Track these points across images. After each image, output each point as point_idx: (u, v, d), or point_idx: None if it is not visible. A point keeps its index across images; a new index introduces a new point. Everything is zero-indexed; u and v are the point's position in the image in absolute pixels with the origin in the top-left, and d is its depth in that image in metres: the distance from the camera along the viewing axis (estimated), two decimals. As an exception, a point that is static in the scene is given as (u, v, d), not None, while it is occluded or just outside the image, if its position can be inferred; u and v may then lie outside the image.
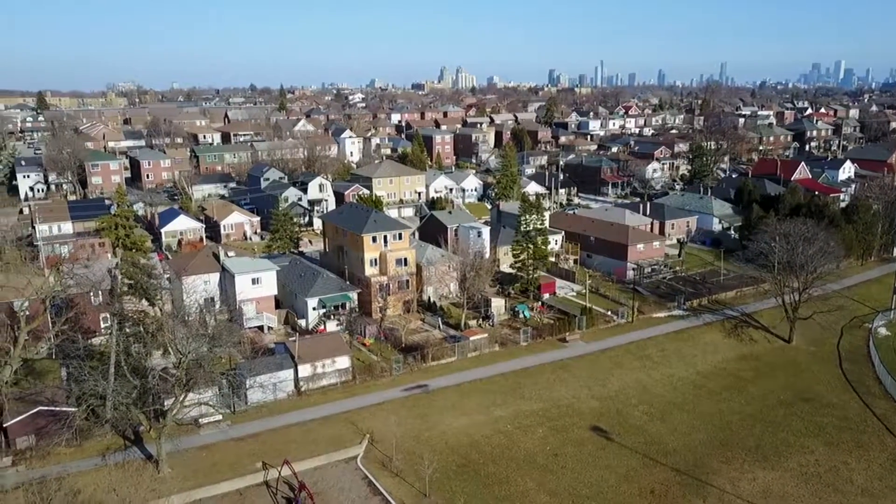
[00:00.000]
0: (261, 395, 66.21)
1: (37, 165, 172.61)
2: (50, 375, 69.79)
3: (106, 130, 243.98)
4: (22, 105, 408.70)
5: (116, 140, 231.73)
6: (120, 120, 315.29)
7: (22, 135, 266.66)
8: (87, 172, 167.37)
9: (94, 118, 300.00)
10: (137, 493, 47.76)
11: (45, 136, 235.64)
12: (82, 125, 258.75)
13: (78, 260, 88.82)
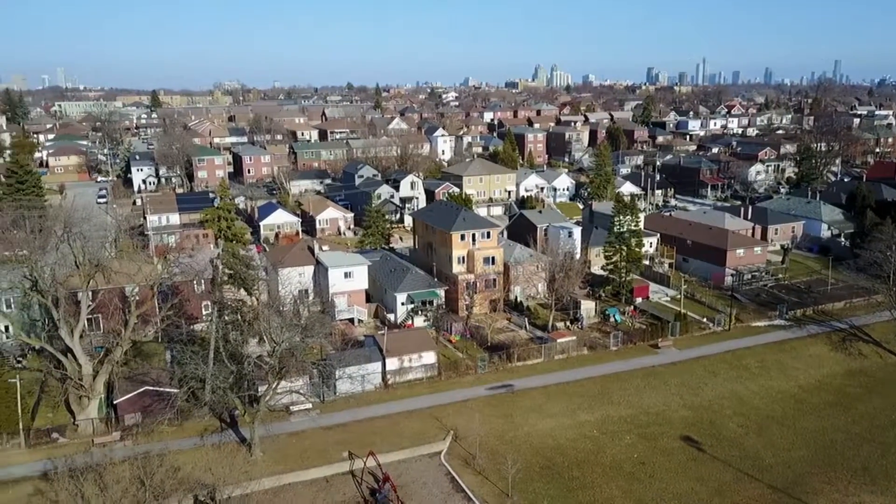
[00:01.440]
0: (349, 386, 67.74)
1: (149, 160, 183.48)
2: (155, 358, 73.98)
3: (212, 127, 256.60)
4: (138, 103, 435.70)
5: (221, 136, 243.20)
6: (225, 117, 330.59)
7: (137, 131, 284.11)
8: (194, 167, 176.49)
9: (202, 115, 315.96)
10: (231, 473, 49.77)
11: (157, 133, 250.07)
12: (191, 122, 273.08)
13: (183, 250, 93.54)
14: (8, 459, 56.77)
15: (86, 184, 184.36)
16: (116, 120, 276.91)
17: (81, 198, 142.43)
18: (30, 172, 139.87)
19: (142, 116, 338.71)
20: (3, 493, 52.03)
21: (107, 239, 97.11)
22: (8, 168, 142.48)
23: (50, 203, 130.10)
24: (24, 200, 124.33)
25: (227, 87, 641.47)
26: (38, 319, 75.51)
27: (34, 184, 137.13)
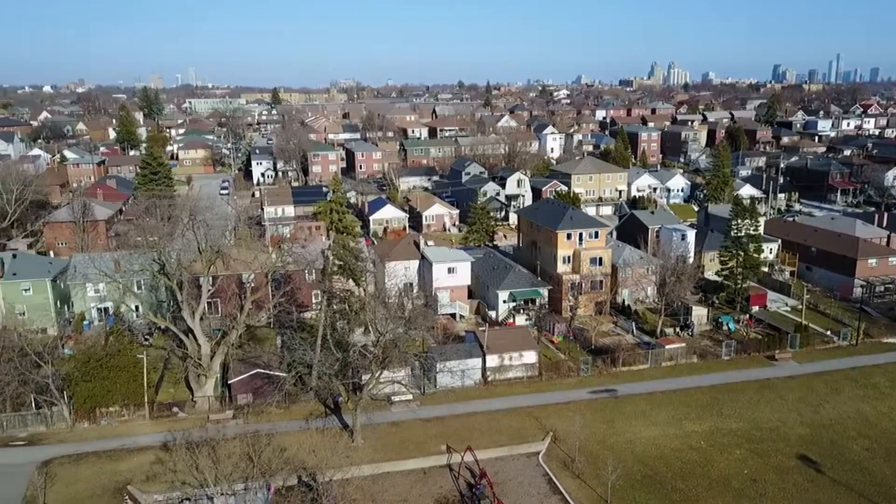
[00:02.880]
0: (449, 380, 68.16)
1: (268, 154, 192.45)
2: (267, 342, 77.42)
3: (327, 123, 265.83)
4: (259, 100, 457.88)
5: (336, 133, 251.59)
6: (340, 114, 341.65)
7: (258, 126, 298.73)
8: (309, 161, 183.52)
9: (318, 112, 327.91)
10: (333, 457, 51.23)
11: (276, 129, 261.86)
12: (308, 119, 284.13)
13: (297, 240, 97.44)
14: (134, 429, 61.16)
15: (210, 176, 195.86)
16: (240, 116, 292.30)
17: (206, 189, 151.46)
18: (162, 164, 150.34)
19: (263, 113, 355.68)
20: (130, 459, 56.10)
21: (227, 228, 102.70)
22: (143, 160, 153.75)
23: (178, 193, 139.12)
24: (156, 190, 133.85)
25: (343, 85, 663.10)
26: (164, 301, 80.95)
27: (165, 175, 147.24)
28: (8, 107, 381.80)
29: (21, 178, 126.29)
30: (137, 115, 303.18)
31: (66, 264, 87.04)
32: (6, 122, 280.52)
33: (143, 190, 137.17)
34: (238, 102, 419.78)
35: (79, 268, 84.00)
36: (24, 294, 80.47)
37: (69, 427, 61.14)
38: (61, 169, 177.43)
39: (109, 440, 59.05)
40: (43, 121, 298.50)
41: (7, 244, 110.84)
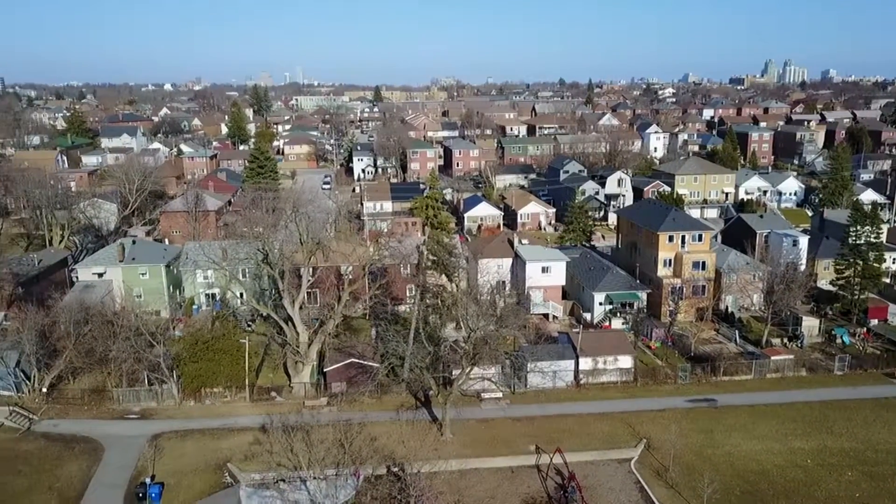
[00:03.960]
0: (540, 381, 67.32)
1: (369, 150, 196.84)
2: (362, 333, 79.14)
3: (426, 121, 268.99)
4: (362, 98, 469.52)
5: (434, 130, 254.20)
6: (439, 112, 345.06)
7: (360, 124, 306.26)
8: (408, 158, 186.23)
9: (418, 110, 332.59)
10: (422, 450, 51.68)
11: (377, 126, 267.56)
12: (408, 116, 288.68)
13: (393, 235, 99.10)
14: (235, 410, 64.05)
15: (314, 171, 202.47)
16: (343, 113, 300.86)
17: (309, 183, 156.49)
18: (269, 159, 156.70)
19: (365, 110, 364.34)
20: (230, 438, 58.77)
21: (328, 221, 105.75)
22: (252, 154, 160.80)
23: (283, 186, 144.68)
24: (262, 183, 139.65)
25: (443, 83, 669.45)
26: (266, 289, 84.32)
27: (271, 169, 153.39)
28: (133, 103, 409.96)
29: (142, 170, 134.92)
30: (247, 112, 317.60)
31: (179, 251, 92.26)
32: (131, 117, 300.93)
33: (250, 183, 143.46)
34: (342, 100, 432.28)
35: (190, 255, 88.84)
36: (141, 278, 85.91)
37: (177, 404, 64.78)
38: (177, 162, 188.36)
39: (212, 419, 62.11)
40: (163, 116, 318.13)
41: (128, 231, 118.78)
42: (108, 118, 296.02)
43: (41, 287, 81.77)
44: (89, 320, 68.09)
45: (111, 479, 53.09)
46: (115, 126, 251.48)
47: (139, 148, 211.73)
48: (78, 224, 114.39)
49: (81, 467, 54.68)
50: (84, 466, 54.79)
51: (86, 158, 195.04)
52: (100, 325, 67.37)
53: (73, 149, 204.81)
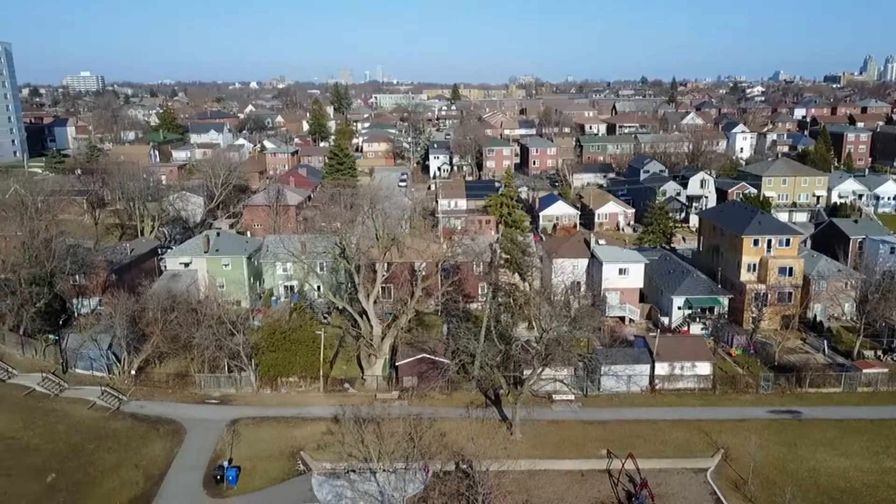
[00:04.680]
0: (613, 384, 65.91)
1: (445, 149, 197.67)
2: (434, 329, 79.55)
3: (503, 119, 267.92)
4: (440, 96, 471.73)
5: (511, 128, 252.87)
6: (517, 110, 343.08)
7: (437, 122, 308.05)
8: (484, 156, 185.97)
9: (496, 108, 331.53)
10: (491, 448, 51.50)
11: (454, 124, 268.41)
12: (485, 114, 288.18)
13: (467, 232, 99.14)
14: (310, 400, 65.57)
15: (391, 168, 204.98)
16: (420, 111, 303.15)
17: (386, 180, 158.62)
18: (347, 156, 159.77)
19: (442, 108, 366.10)
20: (304, 427, 60.21)
21: (403, 218, 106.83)
22: (331, 151, 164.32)
23: (360, 183, 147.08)
24: (340, 179, 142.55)
25: (522, 81, 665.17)
26: (342, 283, 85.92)
27: (350, 166, 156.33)
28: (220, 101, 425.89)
29: (227, 165, 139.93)
30: (328, 109, 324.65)
31: (260, 244, 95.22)
32: (218, 114, 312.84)
33: (329, 179, 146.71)
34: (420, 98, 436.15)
35: (270, 247, 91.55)
36: (224, 268, 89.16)
37: (254, 392, 66.90)
38: (260, 157, 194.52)
39: (287, 408, 63.80)
40: (248, 113, 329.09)
41: (213, 223, 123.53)
42: (198, 115, 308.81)
43: (132, 274, 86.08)
44: (175, 308, 71.24)
45: (192, 461, 55.34)
46: (204, 123, 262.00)
47: (225, 144, 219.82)
48: (167, 215, 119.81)
49: (165, 447, 57.22)
50: (167, 447, 57.31)
51: (176, 153, 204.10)
52: (185, 313, 70.40)
53: (165, 144, 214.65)
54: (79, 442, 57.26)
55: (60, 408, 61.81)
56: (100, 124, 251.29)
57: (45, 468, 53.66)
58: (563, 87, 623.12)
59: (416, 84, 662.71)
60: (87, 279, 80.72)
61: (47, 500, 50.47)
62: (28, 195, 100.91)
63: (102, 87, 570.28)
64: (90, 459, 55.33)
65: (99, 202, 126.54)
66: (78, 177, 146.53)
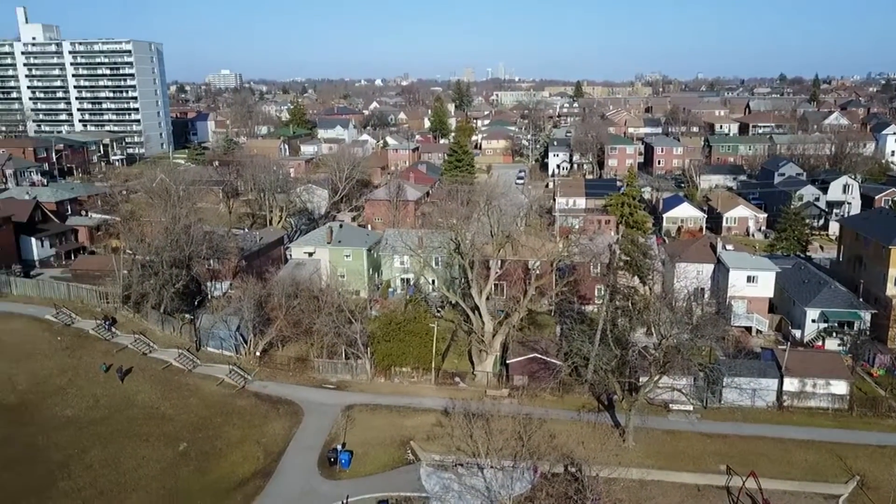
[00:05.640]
0: (736, 397, 62.33)
1: (565, 146, 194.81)
2: (547, 329, 78.53)
3: (627, 117, 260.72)
4: (562, 93, 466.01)
5: (636, 126, 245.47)
6: (642, 108, 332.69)
7: (558, 119, 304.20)
8: (606, 154, 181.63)
9: (619, 106, 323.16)
10: (602, 453, 50.22)
11: (575, 121, 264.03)
12: (608, 112, 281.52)
13: (585, 232, 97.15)
14: (421, 391, 66.62)
15: (508, 165, 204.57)
16: (542, 109, 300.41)
17: (503, 177, 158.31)
18: (466, 152, 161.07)
19: (564, 106, 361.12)
20: (415, 417, 61.28)
21: (519, 215, 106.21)
22: (451, 148, 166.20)
23: (478, 180, 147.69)
24: (459, 176, 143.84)
25: (648, 78, 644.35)
26: (456, 278, 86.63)
27: (468, 163, 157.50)
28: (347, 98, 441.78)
29: (351, 160, 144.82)
30: (449, 107, 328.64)
31: (380, 237, 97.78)
32: (344, 110, 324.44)
33: (448, 175, 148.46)
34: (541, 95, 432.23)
35: (389, 241, 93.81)
36: (345, 259, 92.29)
37: (369, 379, 68.80)
38: (382, 153, 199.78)
39: (400, 397, 65.14)
40: (372, 110, 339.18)
41: (336, 216, 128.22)
42: (325, 111, 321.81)
43: (261, 261, 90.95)
44: (298, 294, 74.57)
45: (308, 441, 57.70)
46: (331, 118, 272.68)
47: (350, 139, 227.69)
48: (294, 207, 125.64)
49: (284, 427, 60.02)
50: (286, 426, 60.08)
51: (304, 148, 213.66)
52: (307, 300, 73.53)
53: (294, 139, 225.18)
54: (208, 415, 61.20)
55: (193, 382, 66.34)
56: (236, 119, 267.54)
57: (177, 437, 57.78)
58: (692, 84, 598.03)
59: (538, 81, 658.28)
60: (220, 264, 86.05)
61: (179, 467, 54.32)
62: (172, 184, 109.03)
63: (240, 84, 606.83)
64: (217, 432, 59.00)
65: (233, 192, 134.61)
66: (215, 168, 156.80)
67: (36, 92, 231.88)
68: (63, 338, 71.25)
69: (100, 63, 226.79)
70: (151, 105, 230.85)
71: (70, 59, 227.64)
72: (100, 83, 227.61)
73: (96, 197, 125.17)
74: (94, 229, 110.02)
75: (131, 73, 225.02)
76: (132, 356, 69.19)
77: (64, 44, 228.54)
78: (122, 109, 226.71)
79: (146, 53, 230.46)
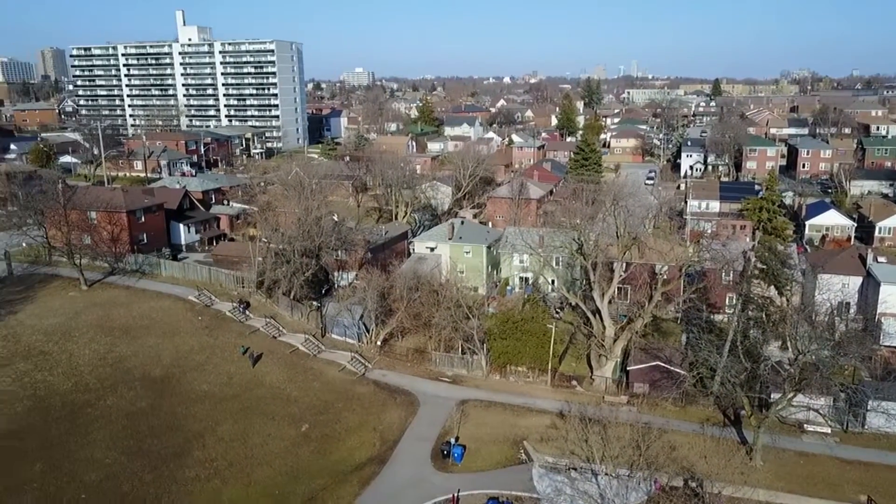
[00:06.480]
0: (883, 423, 56.92)
1: (699, 146, 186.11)
2: (671, 337, 75.36)
3: (770, 117, 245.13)
4: (699, 91, 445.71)
5: (779, 127, 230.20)
6: (786, 107, 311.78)
7: (693, 118, 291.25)
8: (744, 156, 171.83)
9: (761, 105, 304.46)
10: (725, 471, 47.42)
11: (711, 121, 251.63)
12: (748, 111, 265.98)
13: (717, 237, 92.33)
14: (536, 391, 65.96)
15: (638, 165, 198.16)
16: (676, 107, 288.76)
17: (632, 177, 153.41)
18: (594, 151, 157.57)
19: (700, 104, 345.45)
20: (529, 417, 60.78)
21: (647, 217, 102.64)
22: (578, 146, 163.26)
23: (605, 179, 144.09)
24: (585, 175, 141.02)
25: (795, 75, 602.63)
26: (577, 279, 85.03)
27: (596, 161, 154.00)
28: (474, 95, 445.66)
29: (476, 157, 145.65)
30: (578, 104, 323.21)
31: (500, 234, 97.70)
32: (472, 108, 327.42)
33: (573, 174, 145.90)
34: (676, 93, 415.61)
35: (510, 238, 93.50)
36: (465, 255, 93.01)
37: (484, 376, 68.94)
38: (507, 151, 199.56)
39: (514, 395, 64.81)
40: (499, 108, 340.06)
41: (458, 212, 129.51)
42: (453, 108, 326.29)
43: (385, 254, 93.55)
44: (419, 288, 75.98)
45: (422, 432, 58.66)
46: (458, 116, 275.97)
47: (475, 136, 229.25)
48: (418, 203, 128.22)
49: (400, 416, 61.38)
50: (402, 416, 61.40)
51: (431, 145, 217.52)
52: (427, 294, 74.76)
53: (422, 136, 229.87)
54: (329, 400, 63.72)
55: (317, 367, 69.30)
56: (367, 116, 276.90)
57: (300, 418, 60.57)
58: (846, 82, 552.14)
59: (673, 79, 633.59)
60: (347, 255, 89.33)
61: (301, 447, 56.91)
62: (306, 177, 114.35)
63: (372, 81, 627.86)
64: (337, 417, 61.29)
65: (362, 187, 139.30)
66: (346, 163, 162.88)
67: (189, 89, 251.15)
68: (203, 318, 76.63)
69: (245, 62, 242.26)
70: (290, 102, 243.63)
71: (220, 58, 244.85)
72: (245, 81, 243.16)
73: (237, 188, 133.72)
74: (234, 218, 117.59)
75: (273, 71, 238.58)
76: (263, 338, 73.26)
77: (215, 44, 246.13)
78: (264, 105, 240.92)
79: (287, 53, 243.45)
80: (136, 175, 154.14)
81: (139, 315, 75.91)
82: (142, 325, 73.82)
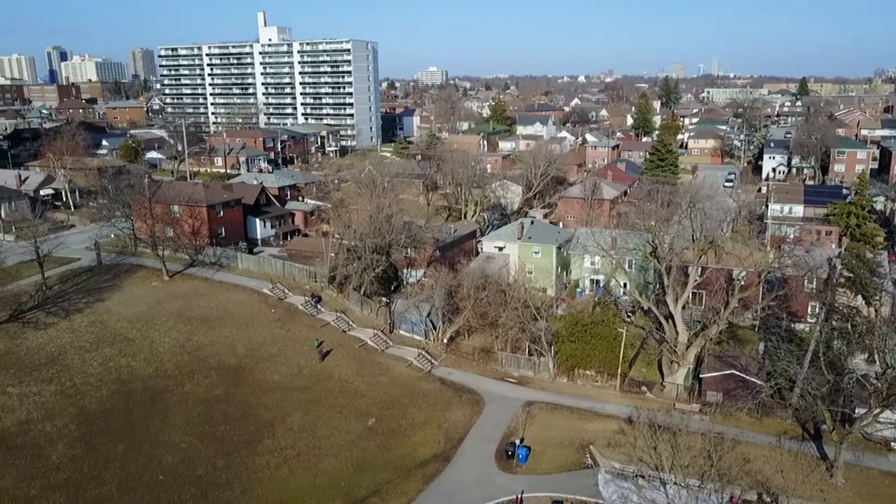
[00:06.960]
0: (981, 446, 53.21)
1: (783, 148, 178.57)
2: (748, 345, 72.53)
3: (861, 118, 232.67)
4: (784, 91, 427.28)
5: (871, 128, 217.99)
6: (880, 107, 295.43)
7: (777, 119, 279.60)
8: (831, 159, 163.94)
9: (852, 105, 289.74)
10: (803, 487, 45.37)
11: (797, 121, 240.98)
12: (838, 111, 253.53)
13: (800, 242, 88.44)
14: (604, 396, 64.80)
15: (717, 167, 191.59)
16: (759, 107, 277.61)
17: (710, 179, 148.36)
18: (670, 152, 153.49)
19: (785, 104, 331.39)
20: (596, 422, 59.80)
21: (725, 220, 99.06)
22: (653, 146, 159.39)
23: (681, 181, 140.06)
24: (660, 176, 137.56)
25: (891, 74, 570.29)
26: (650, 283, 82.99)
27: (672, 162, 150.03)
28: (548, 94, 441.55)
29: (548, 157, 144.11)
30: (654, 104, 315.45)
31: (571, 235, 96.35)
32: (545, 107, 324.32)
33: (648, 175, 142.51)
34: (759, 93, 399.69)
35: (581, 240, 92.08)
36: (534, 255, 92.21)
37: (551, 378, 68.18)
38: (580, 150, 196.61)
39: (581, 399, 63.83)
40: (573, 107, 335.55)
41: (528, 212, 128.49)
42: (526, 107, 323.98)
43: (453, 253, 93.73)
44: (487, 287, 75.78)
45: (487, 432, 58.52)
46: (531, 115, 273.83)
47: (548, 136, 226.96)
48: (488, 202, 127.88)
49: (465, 414, 61.41)
50: (467, 414, 61.42)
51: (502, 144, 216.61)
52: (495, 293, 74.48)
53: (493, 135, 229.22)
54: (396, 395, 64.38)
55: (384, 362, 70.14)
56: (440, 115, 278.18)
57: (367, 412, 61.44)
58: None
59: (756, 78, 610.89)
60: (416, 253, 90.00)
61: (367, 440, 57.72)
62: (378, 175, 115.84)
63: (445, 80, 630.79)
64: (403, 412, 61.85)
65: (432, 185, 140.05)
66: (418, 162, 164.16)
67: (268, 88, 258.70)
68: (276, 310, 78.76)
69: (322, 61, 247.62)
70: (364, 100, 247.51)
71: (298, 57, 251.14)
72: (321, 80, 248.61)
73: (312, 185, 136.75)
74: (308, 214, 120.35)
75: (349, 70, 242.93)
76: (333, 332, 74.66)
77: (294, 44, 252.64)
78: (339, 104, 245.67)
79: (363, 52, 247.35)
80: (216, 171, 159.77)
81: (216, 306, 78.64)
82: (218, 315, 76.45)
